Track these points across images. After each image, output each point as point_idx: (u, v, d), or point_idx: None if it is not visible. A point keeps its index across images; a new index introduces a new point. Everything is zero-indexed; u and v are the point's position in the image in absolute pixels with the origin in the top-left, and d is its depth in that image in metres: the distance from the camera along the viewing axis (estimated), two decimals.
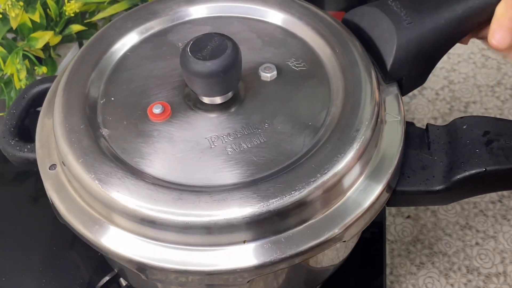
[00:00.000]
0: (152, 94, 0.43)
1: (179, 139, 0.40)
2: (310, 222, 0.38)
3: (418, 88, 0.74)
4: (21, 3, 0.58)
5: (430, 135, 0.44)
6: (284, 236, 0.37)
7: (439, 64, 0.77)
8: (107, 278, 0.49)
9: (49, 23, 0.63)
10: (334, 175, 0.37)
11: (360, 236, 0.49)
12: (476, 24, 0.46)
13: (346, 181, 0.39)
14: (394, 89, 0.45)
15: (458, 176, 0.41)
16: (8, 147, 0.46)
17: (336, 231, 0.38)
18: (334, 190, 0.38)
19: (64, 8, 0.62)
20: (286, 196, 0.36)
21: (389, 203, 0.44)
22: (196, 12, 0.48)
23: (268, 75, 0.43)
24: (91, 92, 0.43)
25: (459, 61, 0.77)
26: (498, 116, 0.70)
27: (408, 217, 0.63)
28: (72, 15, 0.62)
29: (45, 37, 0.61)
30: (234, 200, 0.36)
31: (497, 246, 0.60)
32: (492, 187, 0.42)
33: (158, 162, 0.39)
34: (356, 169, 0.39)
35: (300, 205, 0.37)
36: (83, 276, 0.54)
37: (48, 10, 0.62)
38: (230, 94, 0.42)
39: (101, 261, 0.55)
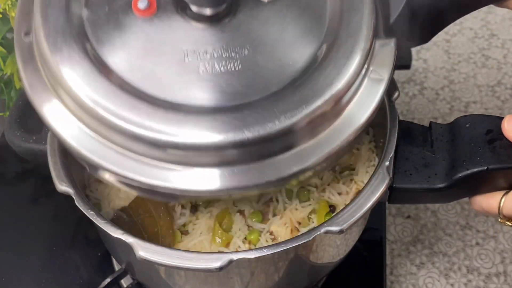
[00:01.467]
0: None
1: (156, 43, 0.38)
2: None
3: (418, 88, 0.74)
4: None
5: (433, 133, 0.43)
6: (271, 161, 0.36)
7: (439, 64, 0.77)
8: (108, 279, 0.49)
9: None
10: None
11: (360, 236, 0.49)
12: None
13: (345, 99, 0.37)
14: (391, 42, 0.41)
15: (460, 174, 0.41)
16: (14, 138, 0.45)
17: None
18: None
19: None
20: (271, 123, 0.34)
21: (391, 200, 0.44)
22: None
23: None
24: None
25: (460, 61, 0.77)
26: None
27: (408, 217, 0.63)
28: None
29: None
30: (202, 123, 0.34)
31: (497, 246, 0.60)
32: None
33: (126, 61, 0.37)
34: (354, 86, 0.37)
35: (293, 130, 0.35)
36: (83, 276, 0.54)
37: None
38: (220, 8, 0.38)
39: (101, 262, 0.55)
